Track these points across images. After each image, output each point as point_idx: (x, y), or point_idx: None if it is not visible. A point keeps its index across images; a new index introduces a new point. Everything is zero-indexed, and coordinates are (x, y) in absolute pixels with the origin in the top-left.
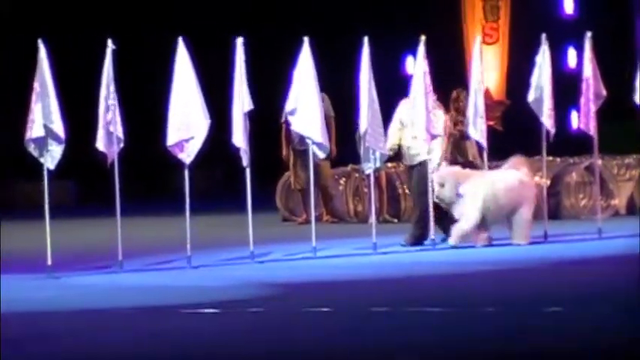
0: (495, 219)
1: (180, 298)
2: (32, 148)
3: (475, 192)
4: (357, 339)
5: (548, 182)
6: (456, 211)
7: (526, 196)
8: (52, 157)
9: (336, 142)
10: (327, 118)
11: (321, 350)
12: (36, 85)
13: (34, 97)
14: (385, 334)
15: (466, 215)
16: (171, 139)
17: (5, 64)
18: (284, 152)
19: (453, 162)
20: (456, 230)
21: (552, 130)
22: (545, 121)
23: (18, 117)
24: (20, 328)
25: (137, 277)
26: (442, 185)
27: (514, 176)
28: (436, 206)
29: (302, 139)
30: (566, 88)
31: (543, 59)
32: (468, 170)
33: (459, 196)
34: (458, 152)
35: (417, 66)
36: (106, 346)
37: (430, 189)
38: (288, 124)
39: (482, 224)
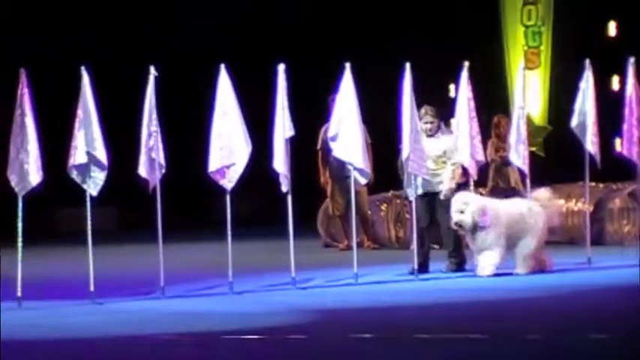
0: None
1: (222, 324)
2: (75, 175)
3: (498, 220)
4: None
5: (591, 208)
6: (479, 239)
7: (531, 226)
8: (94, 183)
9: (374, 169)
10: (368, 146)
11: None
12: (79, 112)
13: (77, 124)
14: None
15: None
16: (212, 165)
17: (49, 90)
18: (322, 179)
19: (494, 188)
20: (488, 260)
21: (597, 157)
22: (589, 147)
23: (62, 144)
24: (63, 355)
25: (179, 303)
26: (462, 212)
27: (519, 206)
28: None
29: (341, 165)
30: (609, 113)
31: (587, 84)
32: (482, 197)
33: (481, 223)
34: (500, 178)
35: (461, 92)
36: None
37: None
38: (327, 150)
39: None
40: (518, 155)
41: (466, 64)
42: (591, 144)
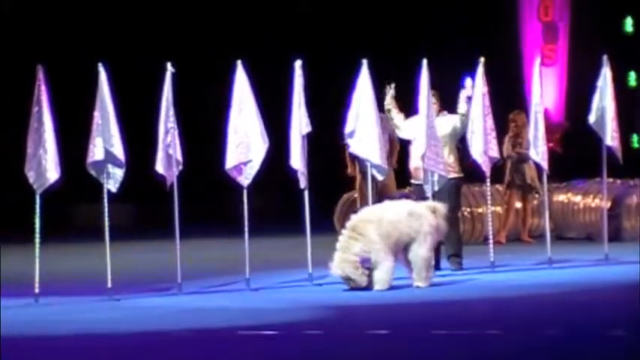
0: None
1: (239, 320)
2: (93, 172)
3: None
4: None
5: (609, 204)
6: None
7: (415, 230)
8: (114, 179)
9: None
10: (392, 138)
11: None
12: (96, 108)
13: (94, 121)
14: (445, 356)
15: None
16: (229, 161)
17: (67, 87)
18: (349, 170)
19: (510, 184)
20: (380, 276)
21: (619, 152)
22: (610, 143)
23: (79, 140)
24: (80, 351)
25: (196, 299)
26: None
27: (401, 210)
28: None
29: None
30: (626, 109)
31: (605, 80)
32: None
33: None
34: (516, 175)
35: (476, 88)
36: None
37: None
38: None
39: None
40: (537, 151)
41: (482, 60)
42: (612, 139)
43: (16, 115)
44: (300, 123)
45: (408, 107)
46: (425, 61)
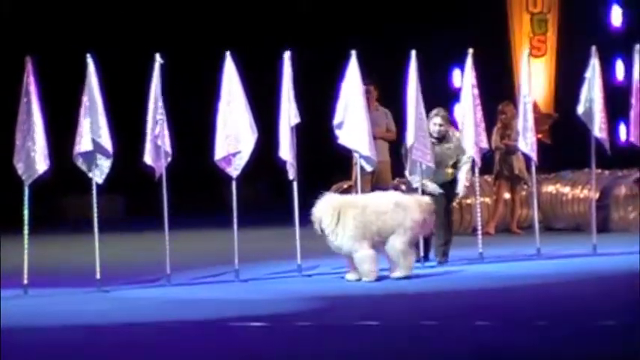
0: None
1: (228, 312)
2: (80, 163)
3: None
4: (406, 352)
5: (597, 195)
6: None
7: (398, 223)
8: (100, 171)
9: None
10: (389, 131)
11: None
12: (84, 99)
13: (82, 112)
14: (434, 347)
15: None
16: (218, 153)
17: (55, 78)
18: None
19: (498, 175)
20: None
21: (607, 144)
22: (598, 134)
23: (67, 131)
24: (69, 342)
25: (185, 290)
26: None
27: (386, 201)
28: None
29: None
30: (614, 100)
31: (593, 72)
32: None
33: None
34: (504, 166)
35: (465, 79)
36: (154, 359)
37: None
38: None
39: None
40: (526, 142)
41: (470, 51)
42: (600, 130)
43: (4, 107)
44: (289, 114)
45: (397, 99)
46: (414, 53)
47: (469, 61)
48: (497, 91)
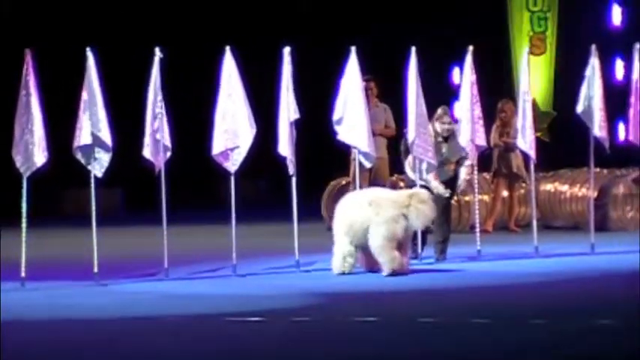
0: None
1: (226, 307)
2: (80, 156)
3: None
4: (403, 349)
5: (595, 194)
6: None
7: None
8: (100, 164)
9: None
10: (388, 127)
11: None
12: (84, 93)
13: (82, 106)
14: (431, 344)
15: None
16: (216, 147)
17: (54, 71)
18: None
19: (497, 173)
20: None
21: (606, 142)
22: (598, 132)
23: (67, 125)
24: (66, 336)
25: (183, 285)
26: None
27: (364, 197)
28: None
29: None
30: (614, 99)
31: (593, 70)
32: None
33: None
34: (502, 163)
35: (464, 76)
36: (151, 353)
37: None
38: None
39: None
40: (525, 140)
41: (470, 48)
42: (599, 129)
43: (3, 100)
44: (288, 109)
45: (398, 95)
46: (413, 49)
47: (469, 59)
48: (497, 88)
